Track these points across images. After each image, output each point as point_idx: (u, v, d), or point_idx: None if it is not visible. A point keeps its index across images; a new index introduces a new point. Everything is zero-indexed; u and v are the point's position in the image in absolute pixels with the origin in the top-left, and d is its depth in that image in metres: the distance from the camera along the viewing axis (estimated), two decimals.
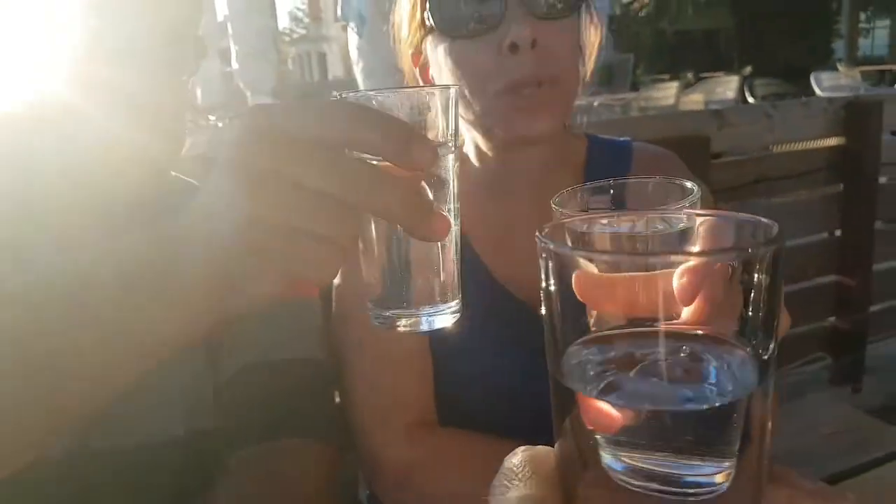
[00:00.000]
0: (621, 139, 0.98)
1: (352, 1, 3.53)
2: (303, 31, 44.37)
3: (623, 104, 5.71)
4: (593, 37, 0.86)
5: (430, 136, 0.44)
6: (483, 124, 0.82)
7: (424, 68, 0.85)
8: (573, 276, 0.30)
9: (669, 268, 0.28)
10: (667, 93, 5.77)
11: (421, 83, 0.86)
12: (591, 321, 0.31)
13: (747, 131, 2.16)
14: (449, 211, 0.46)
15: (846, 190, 2.38)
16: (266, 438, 0.69)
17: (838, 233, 2.43)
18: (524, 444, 0.35)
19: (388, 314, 0.46)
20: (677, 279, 0.28)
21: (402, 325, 0.47)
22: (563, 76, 0.78)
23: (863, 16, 15.86)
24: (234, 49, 7.40)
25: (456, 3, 0.76)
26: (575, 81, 0.82)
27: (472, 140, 0.88)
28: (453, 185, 0.46)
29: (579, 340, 0.31)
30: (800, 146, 2.36)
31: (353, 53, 3.70)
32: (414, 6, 0.82)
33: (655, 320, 0.29)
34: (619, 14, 17.58)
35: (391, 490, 0.82)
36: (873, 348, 2.51)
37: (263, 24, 7.41)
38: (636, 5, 16.80)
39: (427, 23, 0.80)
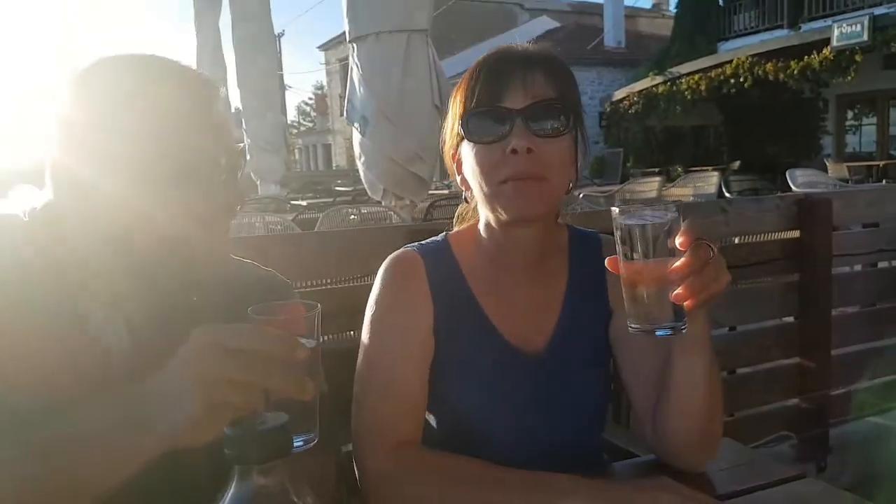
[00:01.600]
0: (590, 231, 1.24)
1: (356, 104, 3.86)
2: (310, 125, 45.78)
3: (607, 196, 6.02)
4: (579, 150, 1.11)
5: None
6: (491, 205, 1.07)
7: (459, 162, 1.13)
8: None
9: None
10: (650, 186, 6.08)
11: (456, 172, 1.15)
12: None
13: (703, 224, 2.40)
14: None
15: (802, 279, 2.61)
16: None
17: (797, 318, 2.64)
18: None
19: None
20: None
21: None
22: (550, 175, 1.04)
23: (850, 113, 16.48)
24: (247, 142, 7.80)
25: (479, 122, 1.06)
26: (561, 181, 1.07)
27: (484, 217, 1.14)
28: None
29: None
30: (757, 238, 2.60)
31: (356, 149, 4.02)
32: (454, 120, 1.10)
33: None
34: (610, 111, 18.27)
35: (368, 494, 1.01)
36: (836, 429, 2.66)
37: (275, 120, 7.84)
38: (626, 103, 17.46)
39: (460, 133, 1.08)
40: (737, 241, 2.62)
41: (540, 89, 1.04)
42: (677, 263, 0.82)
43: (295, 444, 0.61)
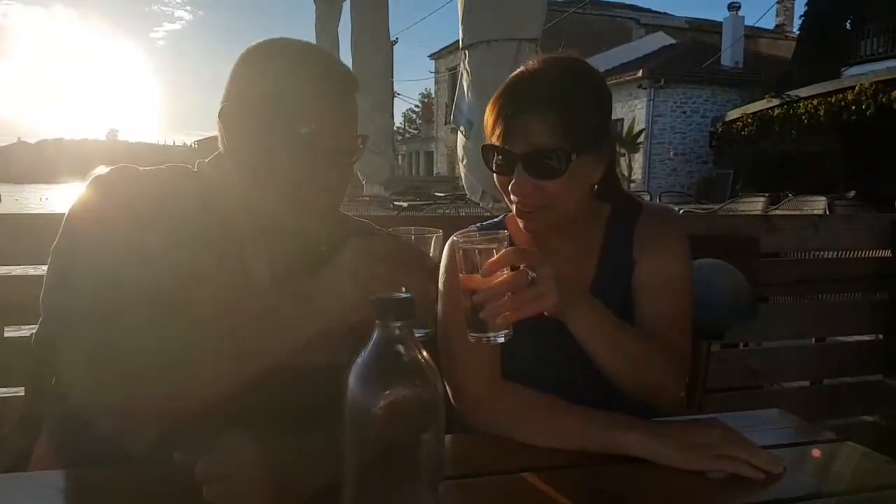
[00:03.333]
0: (638, 201, 1.39)
1: (463, 109, 4.09)
2: (414, 132, 46.71)
3: (707, 213, 6.00)
4: (598, 165, 1.24)
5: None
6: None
7: None
8: None
9: None
10: (753, 206, 6.01)
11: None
12: None
13: (793, 236, 2.47)
14: None
15: (891, 298, 2.62)
16: None
17: (883, 336, 2.65)
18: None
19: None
20: None
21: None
22: (554, 203, 1.19)
23: None
24: None
25: (490, 155, 1.20)
26: (563, 204, 1.21)
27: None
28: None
29: None
30: (848, 255, 2.64)
31: (460, 152, 4.24)
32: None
33: None
34: (721, 131, 17.80)
35: (467, 415, 1.19)
36: None
37: (384, 123, 8.20)
38: (739, 124, 16.99)
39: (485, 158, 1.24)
40: (828, 255, 2.67)
41: (539, 134, 1.14)
42: (490, 283, 0.97)
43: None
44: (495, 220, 1.41)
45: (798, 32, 19.65)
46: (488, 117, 1.22)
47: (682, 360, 1.26)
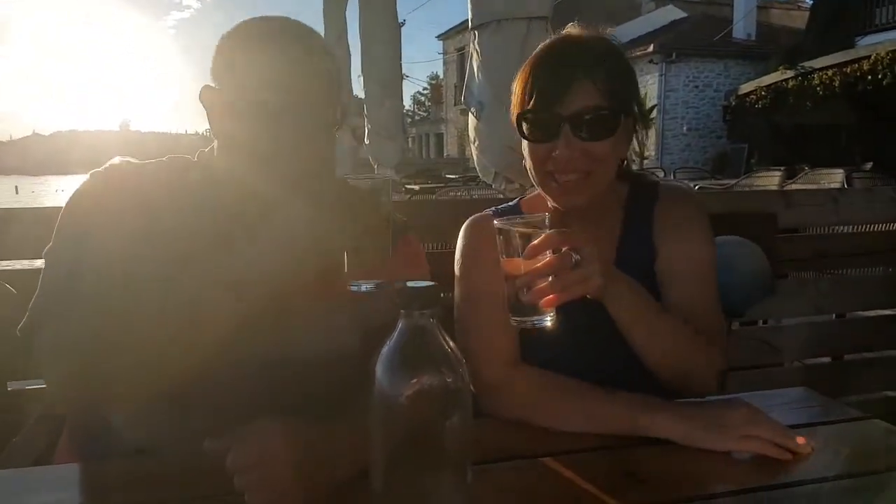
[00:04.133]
0: (655, 181, 1.37)
1: (474, 90, 4.06)
2: (424, 114, 46.58)
3: (724, 189, 5.95)
4: (630, 135, 1.24)
5: None
6: (540, 189, 1.24)
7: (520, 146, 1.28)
8: None
9: None
10: (769, 181, 5.94)
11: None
12: None
13: (812, 211, 2.44)
14: None
15: None
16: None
17: None
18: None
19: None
20: None
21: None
22: (595, 168, 1.17)
23: None
24: (367, 128, 8.19)
25: (531, 122, 1.18)
26: (608, 169, 1.20)
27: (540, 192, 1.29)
28: None
29: None
30: (867, 228, 2.61)
31: (471, 133, 4.22)
32: (513, 104, 1.23)
33: None
34: (735, 105, 17.60)
35: (483, 400, 1.17)
36: None
37: (394, 107, 8.16)
38: (753, 97, 16.79)
39: (520, 128, 1.22)
40: (847, 230, 2.64)
41: (589, 94, 1.13)
42: (536, 266, 0.95)
43: None
44: (510, 203, 1.40)
45: (811, 2, 19.32)
46: (520, 85, 1.20)
47: (720, 347, 1.23)
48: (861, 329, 2.67)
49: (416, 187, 7.65)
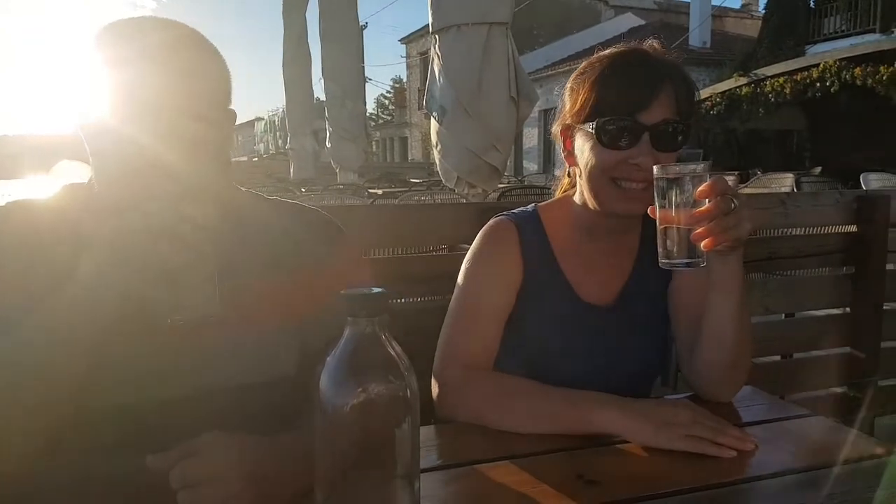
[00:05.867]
0: None
1: (435, 94, 4.07)
2: (388, 118, 46.51)
3: None
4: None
5: None
6: (595, 194, 1.23)
7: (568, 139, 1.28)
8: None
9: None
10: None
11: (563, 147, 1.30)
12: None
13: (761, 214, 2.50)
14: None
15: (857, 272, 2.67)
16: None
17: (850, 309, 2.70)
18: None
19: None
20: None
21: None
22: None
23: None
24: (328, 130, 8.16)
25: (612, 128, 1.16)
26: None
27: (582, 198, 1.29)
28: None
29: None
30: (815, 230, 2.69)
31: (433, 138, 4.23)
32: (580, 106, 1.21)
33: None
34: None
35: (437, 402, 1.19)
36: (881, 419, 2.72)
37: (356, 109, 8.16)
38: (708, 103, 17.13)
39: (589, 130, 1.21)
40: (794, 232, 2.71)
41: (670, 107, 1.17)
42: (700, 209, 1.00)
43: None
44: (527, 209, 1.37)
45: (763, 11, 19.78)
46: (598, 86, 1.19)
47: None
48: (809, 328, 2.75)
49: (380, 191, 7.62)
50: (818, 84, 14.17)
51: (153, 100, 0.96)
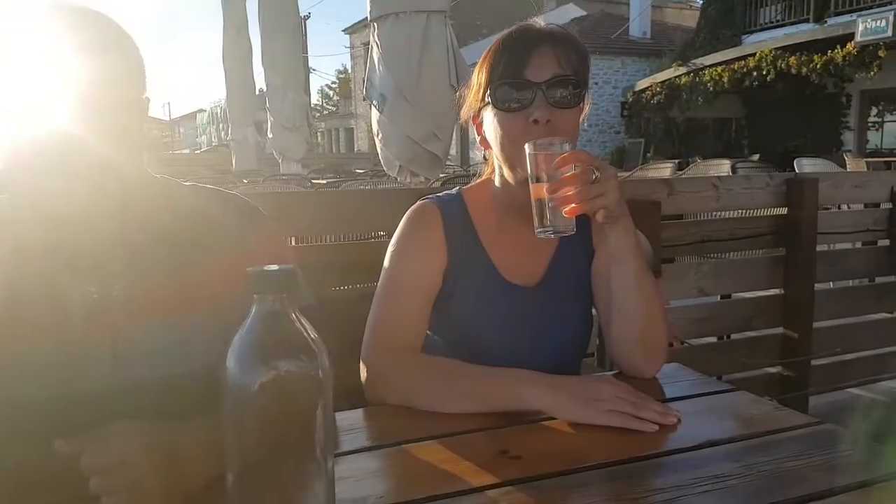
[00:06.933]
0: None
1: (375, 82, 4.04)
2: (332, 108, 46.03)
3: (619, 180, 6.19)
4: (583, 116, 1.29)
5: None
6: (510, 165, 1.24)
7: (479, 125, 1.31)
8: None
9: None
10: (661, 172, 6.22)
11: (476, 134, 1.33)
12: None
13: (694, 198, 2.56)
14: None
15: (788, 253, 2.76)
16: None
17: (782, 290, 2.79)
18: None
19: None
20: None
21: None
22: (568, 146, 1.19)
23: (874, 110, 16.38)
24: (269, 120, 8.02)
25: (504, 92, 1.21)
26: (573, 145, 1.21)
27: (500, 174, 1.31)
28: None
29: None
30: (748, 213, 2.76)
31: (374, 127, 4.20)
32: (477, 87, 1.27)
33: None
34: (632, 101, 18.26)
35: (365, 385, 1.18)
36: (815, 398, 2.82)
37: (298, 99, 8.04)
38: (648, 93, 17.47)
39: (486, 99, 1.24)
40: (727, 215, 2.79)
41: (558, 65, 1.19)
42: (565, 175, 1.05)
43: None
44: (451, 192, 1.39)
45: (702, 2, 20.24)
46: (489, 60, 1.24)
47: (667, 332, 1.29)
48: (744, 309, 2.83)
49: (324, 181, 7.53)
50: (755, 73, 14.61)
51: (64, 93, 0.92)
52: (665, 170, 6.28)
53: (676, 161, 8.90)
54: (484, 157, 1.39)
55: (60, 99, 0.92)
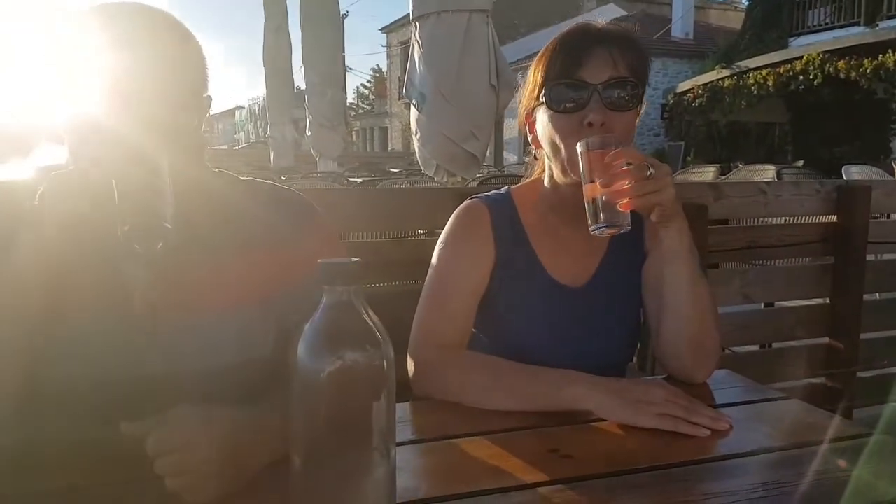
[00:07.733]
0: None
1: (415, 82, 4.05)
2: (367, 107, 46.29)
3: None
4: (638, 117, 1.28)
5: None
6: (562, 166, 1.23)
7: (532, 124, 1.31)
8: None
9: None
10: (703, 177, 6.13)
11: (528, 131, 1.33)
12: None
13: (741, 203, 2.52)
14: None
15: (836, 262, 2.70)
16: None
17: (829, 300, 2.73)
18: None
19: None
20: None
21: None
22: (623, 143, 1.18)
23: None
24: (308, 118, 8.10)
25: (559, 92, 1.21)
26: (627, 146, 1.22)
27: (550, 174, 1.31)
28: None
29: None
30: (796, 220, 2.71)
31: (413, 125, 4.20)
32: (533, 87, 1.27)
33: None
34: (673, 103, 18.00)
35: (412, 381, 1.19)
36: (859, 410, 2.74)
37: (336, 97, 8.10)
38: (690, 95, 17.20)
39: (541, 99, 1.24)
40: (774, 221, 2.74)
41: (614, 66, 1.18)
42: (620, 170, 1.05)
43: None
44: (500, 191, 1.39)
45: (747, 3, 19.89)
46: (545, 59, 1.23)
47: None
48: (788, 318, 2.77)
49: (359, 180, 7.58)
50: (801, 77, 14.28)
51: (128, 87, 0.95)
52: (707, 174, 6.18)
53: (718, 165, 8.76)
54: (535, 156, 1.39)
55: (128, 89, 0.95)
